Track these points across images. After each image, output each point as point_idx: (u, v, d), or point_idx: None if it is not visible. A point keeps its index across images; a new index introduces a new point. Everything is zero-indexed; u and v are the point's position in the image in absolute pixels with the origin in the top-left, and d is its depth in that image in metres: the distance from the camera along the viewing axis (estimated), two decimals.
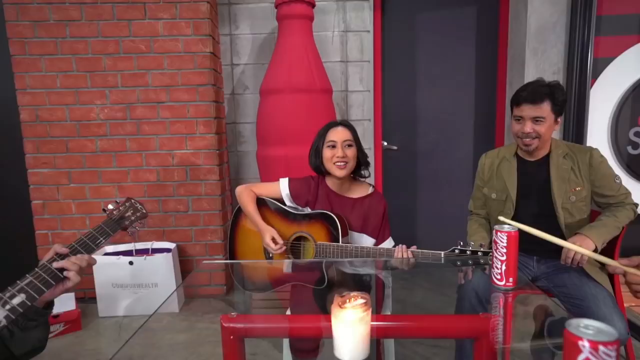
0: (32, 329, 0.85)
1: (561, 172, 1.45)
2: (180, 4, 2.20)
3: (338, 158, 1.40)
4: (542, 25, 2.31)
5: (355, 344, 0.69)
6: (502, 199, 1.53)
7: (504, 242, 0.94)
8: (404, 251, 1.26)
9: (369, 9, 2.48)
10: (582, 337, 0.49)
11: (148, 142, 2.28)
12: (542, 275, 1.49)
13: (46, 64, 2.21)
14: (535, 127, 1.40)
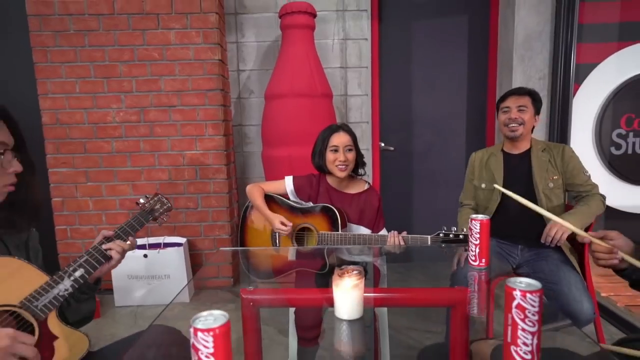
0: (84, 301, 1.03)
1: (540, 163, 1.66)
2: (191, 14, 2.38)
3: (340, 162, 1.58)
4: (528, 33, 2.50)
5: (352, 306, 0.87)
6: (490, 188, 1.73)
7: (477, 229, 1.12)
8: (395, 237, 1.44)
9: (366, 18, 2.67)
10: (515, 288, 0.67)
11: (160, 143, 2.46)
12: (524, 262, 1.67)
13: (66, 70, 2.39)
14: (519, 114, 1.65)
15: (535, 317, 0.67)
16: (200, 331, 0.57)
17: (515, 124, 1.68)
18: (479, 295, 1.10)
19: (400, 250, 1.45)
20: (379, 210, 1.67)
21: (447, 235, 1.41)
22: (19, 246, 0.98)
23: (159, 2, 2.35)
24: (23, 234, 1.00)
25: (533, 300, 0.67)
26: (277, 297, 1.05)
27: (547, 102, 2.53)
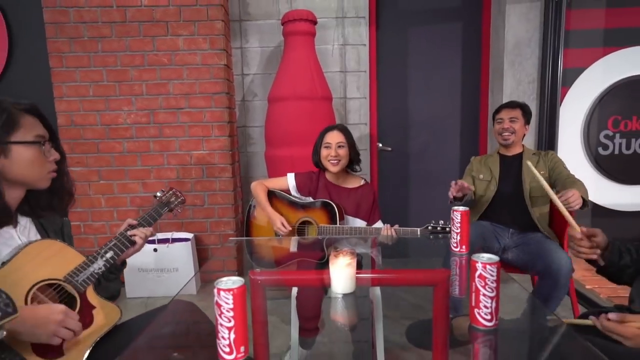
0: (112, 281, 1.18)
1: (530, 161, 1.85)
2: (198, 22, 2.53)
3: (332, 157, 1.75)
4: (518, 40, 2.65)
5: (345, 281, 1.03)
6: (487, 179, 1.97)
7: (458, 219, 1.27)
8: (388, 229, 1.60)
9: (365, 25, 2.83)
10: (477, 261, 0.83)
11: (169, 144, 2.62)
12: (512, 244, 1.87)
13: (80, 75, 2.55)
14: (511, 124, 1.90)
15: (494, 284, 0.83)
16: (223, 290, 0.73)
17: (507, 133, 1.93)
18: (460, 278, 1.26)
19: (393, 241, 1.61)
20: (374, 203, 1.83)
21: (435, 228, 1.57)
22: (56, 232, 1.14)
23: (168, 11, 2.51)
24: (58, 222, 1.16)
25: (492, 270, 0.82)
26: (280, 278, 1.21)
27: (537, 105, 2.68)
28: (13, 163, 0.94)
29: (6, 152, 0.93)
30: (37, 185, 1.01)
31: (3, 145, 0.92)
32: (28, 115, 0.98)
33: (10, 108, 0.95)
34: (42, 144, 0.99)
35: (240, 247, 2.44)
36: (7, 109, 0.94)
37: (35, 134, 0.98)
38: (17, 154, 0.94)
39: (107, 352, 0.98)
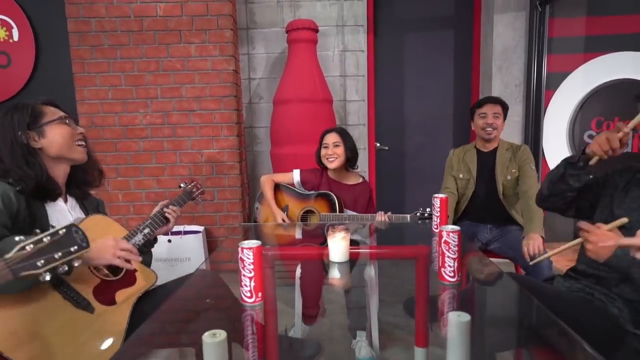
0: (146, 253, 1.44)
1: (503, 160, 2.07)
2: (209, 31, 2.79)
3: (328, 155, 2.01)
4: (505, 46, 2.90)
5: (341, 251, 1.28)
6: (467, 178, 2.14)
7: (438, 204, 1.52)
8: (382, 215, 1.85)
9: (363, 33, 3.08)
10: (443, 230, 1.08)
11: (182, 143, 2.88)
12: (493, 239, 2.08)
13: (100, 80, 2.81)
14: (495, 120, 2.05)
15: (455, 248, 1.08)
16: (246, 248, 0.98)
17: (490, 129, 2.06)
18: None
19: (386, 226, 1.86)
20: (370, 199, 2.08)
21: (423, 215, 1.81)
22: (93, 210, 1.39)
23: (182, 20, 2.77)
24: (94, 202, 1.41)
25: (453, 237, 1.07)
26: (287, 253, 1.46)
27: (523, 106, 2.92)
28: (50, 140, 1.17)
29: (42, 133, 1.16)
30: (72, 156, 1.23)
31: (38, 129, 1.16)
32: (47, 105, 1.23)
33: (30, 103, 1.19)
34: (66, 119, 1.23)
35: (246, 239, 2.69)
36: (27, 105, 1.18)
37: (58, 115, 1.21)
38: (51, 132, 1.17)
39: (145, 307, 1.23)
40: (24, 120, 1.12)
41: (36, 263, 0.81)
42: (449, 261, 1.08)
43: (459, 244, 1.07)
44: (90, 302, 1.10)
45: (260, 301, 1.01)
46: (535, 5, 2.80)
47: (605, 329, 1.10)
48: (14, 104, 1.17)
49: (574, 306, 1.18)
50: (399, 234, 1.91)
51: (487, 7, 2.98)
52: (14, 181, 1.09)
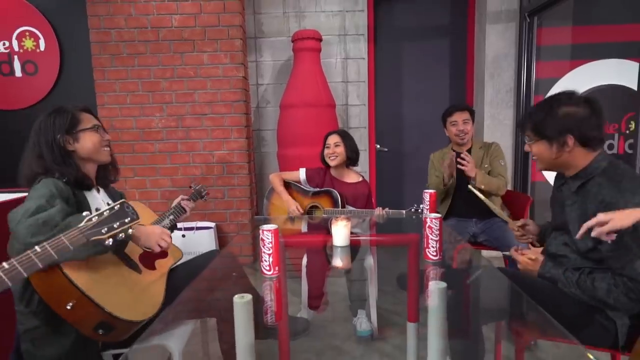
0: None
1: (476, 158, 2.30)
2: (220, 40, 3.04)
3: (329, 154, 2.26)
4: (496, 54, 3.15)
5: (343, 236, 1.52)
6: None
7: (427, 199, 1.76)
8: (380, 210, 2.10)
9: (364, 41, 3.34)
10: (427, 217, 1.32)
11: (194, 145, 3.13)
12: (479, 232, 2.31)
13: (119, 86, 3.07)
14: (465, 127, 2.29)
15: (437, 232, 1.32)
16: (266, 230, 1.22)
17: (463, 134, 2.31)
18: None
19: (384, 219, 2.11)
20: (369, 197, 2.32)
21: (417, 210, 2.06)
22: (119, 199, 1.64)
23: (195, 31, 3.02)
24: (118, 194, 1.65)
25: (435, 223, 1.31)
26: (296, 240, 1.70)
27: (514, 111, 3.16)
28: (82, 145, 1.39)
29: (77, 139, 1.38)
30: (99, 158, 1.45)
31: (73, 135, 1.38)
32: (84, 112, 1.47)
33: (71, 110, 1.42)
34: (98, 129, 1.46)
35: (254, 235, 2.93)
36: (69, 111, 1.40)
37: (92, 123, 1.45)
38: (84, 139, 1.39)
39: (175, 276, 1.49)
40: (63, 125, 1.35)
41: (101, 230, 1.07)
42: (432, 243, 1.32)
43: (440, 229, 1.32)
44: (138, 265, 1.36)
45: (276, 274, 1.25)
46: (525, 16, 3.04)
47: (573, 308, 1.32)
48: (56, 108, 1.40)
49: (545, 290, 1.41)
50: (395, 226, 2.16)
51: (480, 18, 3.23)
52: (60, 176, 1.33)
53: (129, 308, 1.26)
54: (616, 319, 1.19)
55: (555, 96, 1.35)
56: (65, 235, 1.00)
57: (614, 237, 1.08)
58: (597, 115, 1.27)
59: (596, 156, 1.28)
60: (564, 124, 1.27)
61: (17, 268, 0.90)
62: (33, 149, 1.34)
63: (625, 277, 1.15)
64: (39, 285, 1.18)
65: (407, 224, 2.09)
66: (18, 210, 1.17)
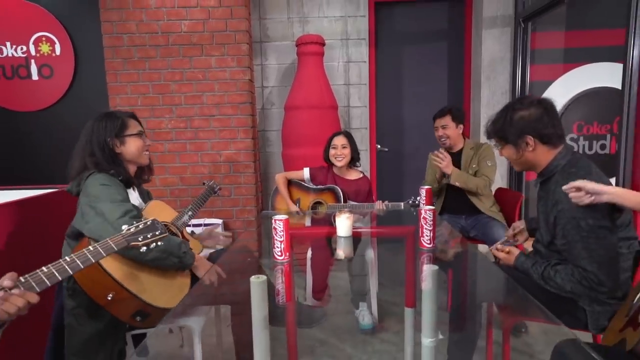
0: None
1: (467, 159, 2.46)
2: (227, 45, 3.20)
3: (337, 155, 2.41)
4: (492, 58, 3.30)
5: (346, 227, 1.68)
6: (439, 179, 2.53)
7: (423, 194, 1.92)
8: (380, 204, 2.26)
9: (365, 45, 3.50)
10: (422, 209, 1.48)
11: (203, 145, 3.29)
12: (469, 227, 2.47)
13: (131, 88, 3.23)
14: (444, 131, 2.45)
15: (431, 222, 1.48)
16: (278, 220, 1.38)
17: (443, 139, 2.48)
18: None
19: (384, 212, 2.26)
20: (369, 191, 2.48)
21: (414, 202, 2.22)
22: (146, 197, 1.80)
23: (203, 36, 3.19)
24: (144, 190, 1.82)
25: (429, 214, 1.47)
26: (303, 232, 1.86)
27: None
28: (127, 149, 1.58)
29: (123, 142, 1.57)
30: (140, 161, 1.64)
31: (121, 139, 1.57)
32: (131, 119, 1.64)
33: (121, 116, 1.60)
34: (141, 135, 1.65)
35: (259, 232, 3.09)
36: (120, 117, 1.59)
37: (138, 129, 1.63)
38: (129, 143, 1.58)
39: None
40: (113, 128, 1.53)
41: (137, 238, 1.23)
42: (426, 232, 1.48)
43: (434, 220, 1.47)
44: None
45: (287, 259, 1.41)
46: (519, 21, 3.20)
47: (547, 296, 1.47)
48: (107, 112, 1.59)
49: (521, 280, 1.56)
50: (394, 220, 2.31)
51: (477, 23, 3.39)
52: (114, 173, 1.50)
53: (162, 297, 1.42)
54: (585, 306, 1.35)
55: (509, 104, 1.51)
56: (111, 239, 1.16)
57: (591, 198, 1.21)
58: (549, 114, 1.41)
59: (556, 154, 1.41)
60: (520, 126, 1.41)
61: (76, 261, 1.06)
62: (85, 147, 1.52)
63: (580, 268, 1.29)
64: (81, 280, 1.35)
65: (404, 218, 2.24)
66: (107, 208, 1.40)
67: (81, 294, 1.39)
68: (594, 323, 1.33)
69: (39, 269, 1.00)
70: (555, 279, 1.35)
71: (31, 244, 1.77)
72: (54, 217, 1.89)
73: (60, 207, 1.97)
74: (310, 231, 1.88)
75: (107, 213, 1.38)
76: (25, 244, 1.74)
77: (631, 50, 2.15)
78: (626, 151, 2.19)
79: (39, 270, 0.99)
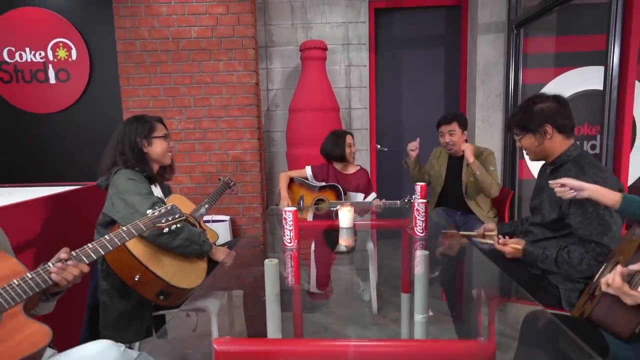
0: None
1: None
2: (234, 50, 3.40)
3: (353, 152, 2.68)
4: (487, 63, 3.50)
5: (348, 219, 1.87)
6: (437, 175, 2.72)
7: (419, 190, 2.12)
8: (378, 201, 2.46)
9: (365, 50, 3.70)
10: (415, 201, 1.68)
11: (211, 145, 3.49)
12: (461, 224, 2.64)
13: (143, 91, 3.43)
14: (450, 138, 2.57)
15: (424, 213, 1.67)
16: (288, 211, 1.59)
17: (450, 145, 2.57)
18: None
19: (381, 209, 2.46)
20: (368, 182, 2.71)
21: (409, 200, 2.42)
22: (166, 193, 2.00)
23: (212, 41, 3.39)
24: (166, 189, 2.02)
25: (422, 206, 1.67)
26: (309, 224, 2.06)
27: (502, 114, 3.51)
28: (153, 149, 1.79)
29: (150, 143, 1.78)
30: (163, 161, 1.85)
31: (149, 139, 1.77)
32: (158, 122, 1.85)
33: (150, 120, 1.81)
34: (166, 137, 1.85)
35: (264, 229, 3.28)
36: (149, 120, 1.80)
37: (164, 132, 1.84)
38: (156, 144, 1.79)
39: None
40: (143, 130, 1.73)
41: (161, 220, 1.43)
42: (419, 222, 1.68)
43: (425, 212, 1.67)
44: None
45: (296, 245, 1.61)
46: (512, 27, 3.39)
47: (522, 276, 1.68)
48: (137, 116, 1.80)
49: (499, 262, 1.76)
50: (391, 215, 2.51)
51: (472, 29, 3.59)
52: (140, 170, 1.70)
53: (182, 278, 1.62)
54: (558, 284, 1.54)
55: (528, 99, 1.71)
56: (140, 221, 1.37)
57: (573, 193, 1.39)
58: (564, 107, 1.63)
59: (569, 146, 1.62)
60: (541, 116, 1.61)
61: (114, 239, 1.26)
62: (116, 146, 1.72)
63: (593, 243, 1.46)
64: (113, 263, 1.55)
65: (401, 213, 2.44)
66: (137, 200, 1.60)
67: (113, 275, 1.59)
68: (566, 300, 1.52)
69: (85, 246, 1.21)
70: (571, 260, 1.49)
71: (63, 232, 1.97)
72: (83, 209, 2.10)
73: (88, 201, 2.19)
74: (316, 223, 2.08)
75: (137, 205, 1.58)
76: (58, 232, 1.95)
77: (611, 55, 2.34)
78: (607, 151, 2.38)
79: (86, 246, 1.20)
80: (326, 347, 0.93)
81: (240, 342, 0.96)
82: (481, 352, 0.81)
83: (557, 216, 1.60)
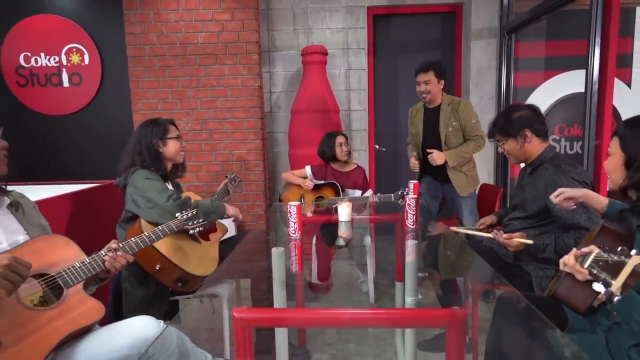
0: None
1: (445, 114, 2.67)
2: (239, 54, 3.60)
3: (345, 152, 2.84)
4: (480, 67, 3.70)
5: (346, 213, 2.07)
6: (417, 131, 2.85)
7: (411, 187, 2.32)
8: (373, 196, 2.66)
9: (364, 54, 3.90)
10: (407, 196, 1.88)
11: (216, 145, 3.69)
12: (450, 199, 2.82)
13: (152, 94, 3.63)
14: (426, 87, 2.64)
15: (414, 207, 1.88)
16: (292, 205, 1.79)
17: (424, 94, 2.64)
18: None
19: (377, 203, 2.66)
20: (365, 179, 2.90)
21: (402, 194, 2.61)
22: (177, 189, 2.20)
23: (218, 47, 3.58)
24: (176, 186, 2.22)
25: (413, 201, 1.87)
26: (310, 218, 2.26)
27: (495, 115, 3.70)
28: (168, 149, 1.99)
29: (165, 144, 1.97)
30: (176, 159, 2.05)
31: (163, 140, 1.98)
32: (171, 124, 2.05)
33: (164, 122, 2.01)
34: (179, 138, 2.06)
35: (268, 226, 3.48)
36: (163, 123, 2.01)
37: (176, 133, 2.04)
38: (170, 144, 1.99)
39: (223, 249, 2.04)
40: (158, 132, 1.94)
41: (188, 223, 1.64)
42: (411, 215, 1.88)
43: (417, 206, 1.87)
44: (197, 237, 1.92)
45: (300, 236, 1.81)
46: (504, 33, 3.59)
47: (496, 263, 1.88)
48: (152, 119, 2.00)
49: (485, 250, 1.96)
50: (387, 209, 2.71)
51: (466, 35, 3.79)
52: (155, 169, 1.91)
53: (198, 267, 1.83)
54: (529, 270, 1.75)
55: (507, 108, 1.95)
56: (172, 222, 1.59)
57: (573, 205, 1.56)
58: (539, 114, 1.86)
59: (545, 148, 1.82)
60: (520, 122, 1.83)
61: (151, 235, 1.48)
62: (134, 147, 1.92)
63: (583, 229, 1.65)
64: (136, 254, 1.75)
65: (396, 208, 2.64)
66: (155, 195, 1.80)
67: (135, 264, 1.79)
68: (538, 285, 1.72)
69: (129, 239, 1.42)
70: (568, 246, 1.64)
71: (85, 225, 2.18)
72: (102, 205, 2.30)
73: (106, 197, 2.39)
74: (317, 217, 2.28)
75: (155, 199, 1.78)
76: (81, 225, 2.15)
77: (592, 59, 2.52)
78: (588, 151, 2.58)
79: (130, 239, 1.41)
80: (323, 315, 1.13)
81: (255, 311, 1.15)
82: (454, 317, 1.01)
83: (539, 209, 1.79)
